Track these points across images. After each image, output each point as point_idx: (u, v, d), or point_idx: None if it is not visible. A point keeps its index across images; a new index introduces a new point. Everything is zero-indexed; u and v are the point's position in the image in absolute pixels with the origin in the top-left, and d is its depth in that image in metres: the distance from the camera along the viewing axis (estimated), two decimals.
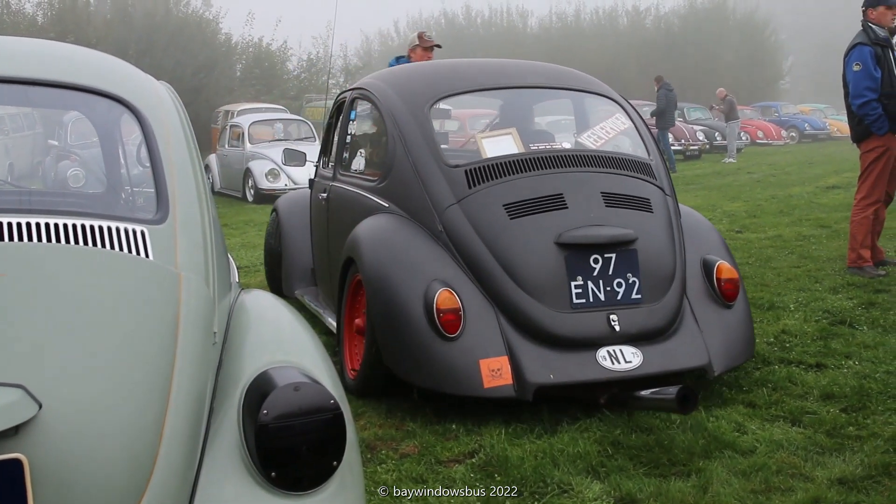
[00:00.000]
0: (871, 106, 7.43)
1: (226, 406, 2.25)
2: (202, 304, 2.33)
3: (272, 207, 7.60)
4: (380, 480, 3.72)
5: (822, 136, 38.36)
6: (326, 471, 2.16)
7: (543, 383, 4.20)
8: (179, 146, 2.79)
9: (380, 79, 5.69)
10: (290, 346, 2.54)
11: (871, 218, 7.68)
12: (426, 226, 4.74)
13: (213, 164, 19.41)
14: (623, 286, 4.49)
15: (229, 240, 11.34)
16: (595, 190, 4.77)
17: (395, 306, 4.40)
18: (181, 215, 2.54)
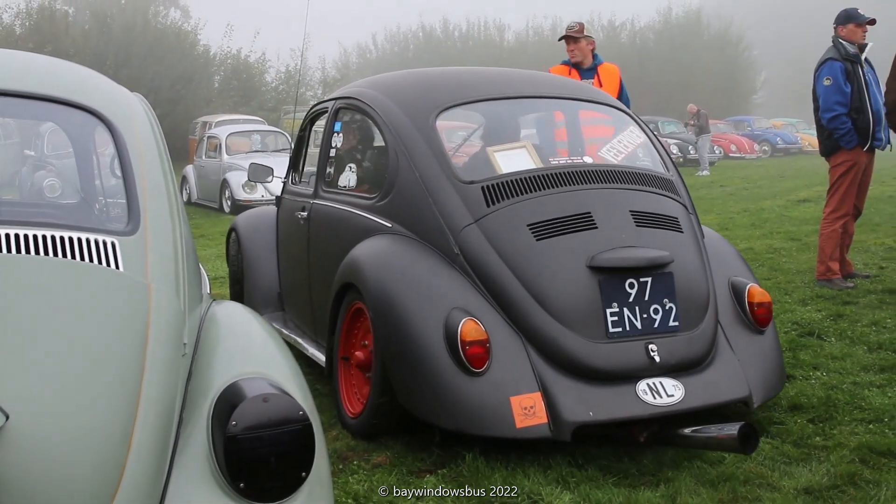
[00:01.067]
0: (841, 120, 7.53)
1: (195, 417, 2.27)
2: (172, 315, 2.35)
3: (229, 227, 6.88)
4: (351, 491, 3.73)
5: (793, 150, 38.75)
6: (295, 482, 2.18)
7: (582, 421, 3.80)
8: (152, 158, 2.81)
9: (371, 87, 5.20)
10: (260, 358, 2.56)
11: (839, 231, 7.77)
12: (439, 248, 4.29)
13: (190, 175, 19.35)
14: (660, 313, 4.13)
15: (205, 250, 11.32)
16: (624, 208, 4.40)
17: (411, 339, 3.95)
18: (152, 227, 2.56)
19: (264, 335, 2.72)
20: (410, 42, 62.04)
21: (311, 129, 6.20)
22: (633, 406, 3.88)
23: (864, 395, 4.74)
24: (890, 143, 7.89)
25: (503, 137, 5.13)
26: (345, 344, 4.60)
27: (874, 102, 7.59)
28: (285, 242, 6.03)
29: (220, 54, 39.14)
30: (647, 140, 5.09)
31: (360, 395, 4.48)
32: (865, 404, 4.60)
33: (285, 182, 6.18)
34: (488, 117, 5.32)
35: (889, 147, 7.89)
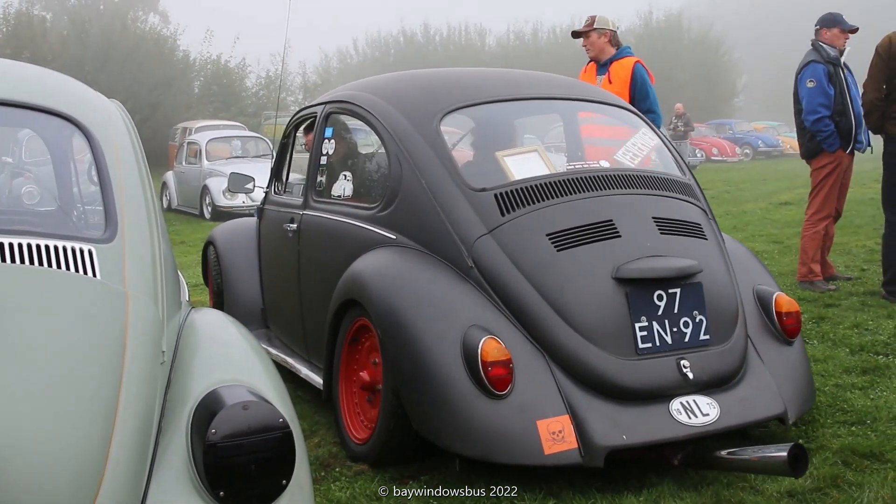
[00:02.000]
0: (825, 122, 7.57)
1: (174, 425, 2.24)
2: (150, 323, 2.33)
3: (206, 241, 6.57)
4: (333, 498, 3.71)
5: (775, 153, 38.99)
6: (275, 489, 2.16)
7: (615, 445, 3.55)
8: (129, 165, 2.78)
9: (365, 90, 4.90)
10: (240, 365, 2.54)
11: (821, 233, 7.81)
12: (450, 261, 4.02)
13: (170, 181, 19.31)
14: (690, 326, 3.90)
15: (186, 257, 11.28)
16: (646, 215, 4.16)
17: (426, 360, 3.66)
18: (129, 234, 2.54)
19: (243, 343, 2.70)
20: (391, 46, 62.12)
21: (296, 136, 5.89)
22: (667, 427, 3.65)
23: (846, 398, 4.75)
24: (870, 146, 7.93)
25: (510, 141, 4.96)
26: (346, 365, 4.33)
27: (855, 105, 7.63)
28: (270, 256, 5.74)
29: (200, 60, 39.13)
30: (661, 142, 4.90)
31: (365, 419, 4.20)
32: (848, 406, 4.61)
33: (267, 192, 5.90)
34: (490, 120, 5.04)
35: (870, 150, 7.93)
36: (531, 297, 3.82)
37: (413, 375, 3.70)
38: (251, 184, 6.09)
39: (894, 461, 3.95)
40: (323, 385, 4.50)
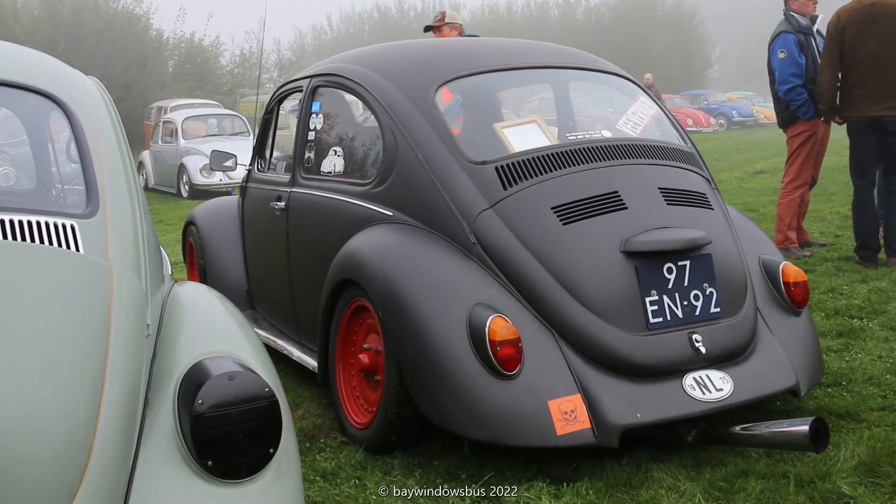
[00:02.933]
0: (797, 91, 7.64)
1: (161, 397, 2.26)
2: (134, 297, 2.34)
3: (186, 220, 6.43)
4: (319, 468, 3.74)
5: (749, 123, 39.10)
6: (263, 458, 2.18)
7: (629, 424, 3.46)
8: (108, 141, 2.79)
9: (354, 62, 4.73)
10: (225, 337, 2.56)
11: (797, 200, 7.90)
12: (451, 237, 3.89)
13: (146, 160, 19.21)
14: (700, 299, 3.81)
15: (164, 236, 11.24)
16: (652, 185, 4.06)
17: (431, 341, 3.54)
18: (111, 209, 2.55)
19: (227, 315, 2.72)
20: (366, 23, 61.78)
21: (279, 112, 5.75)
22: (682, 404, 3.56)
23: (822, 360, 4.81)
24: None
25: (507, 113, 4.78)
26: (343, 347, 4.21)
27: None
28: (255, 235, 5.58)
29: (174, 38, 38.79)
30: (660, 111, 4.79)
31: (365, 403, 4.09)
32: (824, 369, 4.67)
33: (250, 170, 5.76)
34: (486, 91, 4.88)
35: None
36: (538, 273, 3.71)
37: (417, 358, 3.58)
38: (233, 161, 6.01)
39: (869, 421, 4.03)
40: (318, 368, 4.39)
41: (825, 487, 3.38)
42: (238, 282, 5.76)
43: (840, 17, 7.23)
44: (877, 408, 4.18)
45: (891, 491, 3.36)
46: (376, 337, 3.93)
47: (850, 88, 7.21)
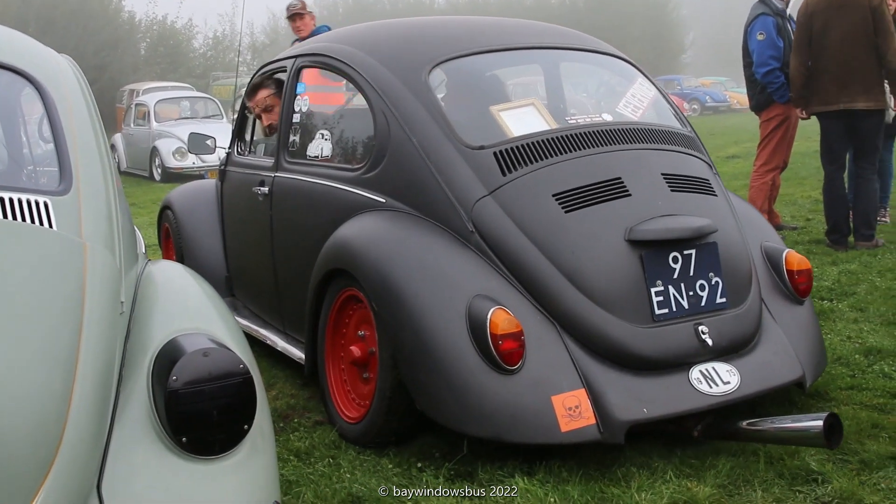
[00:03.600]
0: (775, 74, 7.69)
1: (135, 374, 2.27)
2: (108, 274, 2.34)
3: (162, 204, 6.23)
4: (293, 448, 3.76)
5: (722, 109, 39.36)
6: (237, 434, 2.20)
7: (636, 419, 3.34)
8: (82, 118, 2.77)
9: (342, 41, 4.55)
10: (199, 314, 2.56)
11: (769, 184, 7.97)
12: (448, 225, 3.72)
13: (118, 143, 19.09)
14: (706, 289, 3.69)
15: (137, 219, 11.18)
16: (655, 171, 3.91)
17: (429, 334, 3.40)
18: (85, 186, 2.54)
19: (201, 292, 2.72)
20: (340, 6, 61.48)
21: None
22: (689, 398, 3.45)
23: None
24: None
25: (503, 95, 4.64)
26: (332, 338, 4.04)
27: None
28: (236, 220, 5.38)
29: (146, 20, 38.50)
30: (658, 93, 4.64)
31: (356, 396, 3.94)
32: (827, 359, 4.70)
33: (229, 152, 5.55)
34: (482, 72, 4.65)
35: None
36: (539, 263, 3.56)
37: (415, 352, 3.43)
38: (212, 142, 5.90)
39: (838, 399, 4.09)
40: (305, 360, 4.24)
41: (794, 464, 3.43)
42: (217, 268, 5.57)
43: (808, 3, 7.28)
44: (845, 387, 4.24)
45: (858, 467, 3.41)
46: (368, 328, 3.80)
47: (817, 74, 7.25)
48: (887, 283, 6.19)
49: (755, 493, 3.24)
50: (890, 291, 5.95)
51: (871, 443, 3.61)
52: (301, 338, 4.42)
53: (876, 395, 4.14)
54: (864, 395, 4.15)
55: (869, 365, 4.54)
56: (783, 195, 9.74)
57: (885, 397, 4.11)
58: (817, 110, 7.33)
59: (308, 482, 3.44)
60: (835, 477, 3.32)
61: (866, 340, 4.92)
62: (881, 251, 7.19)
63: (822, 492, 3.25)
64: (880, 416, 3.88)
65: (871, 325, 5.22)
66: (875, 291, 5.98)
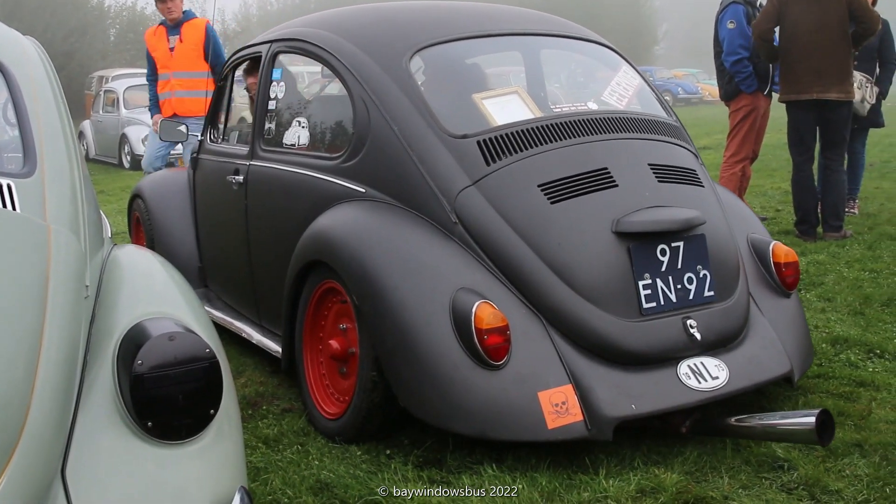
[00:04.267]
0: (743, 63, 7.72)
1: (100, 358, 2.24)
2: (72, 257, 2.31)
3: (132, 193, 6.07)
4: (261, 435, 3.74)
5: (694, 101, 39.54)
6: (204, 419, 2.18)
7: (624, 416, 3.29)
8: (47, 101, 2.74)
9: (318, 26, 4.44)
10: (164, 298, 2.54)
11: (739, 174, 8.00)
12: (431, 216, 3.64)
13: (87, 130, 18.93)
14: (694, 282, 3.63)
15: (105, 206, 11.09)
16: (642, 161, 3.84)
17: (412, 329, 3.32)
18: (50, 169, 2.51)
19: (167, 276, 2.69)
20: None
21: (234, 79, 5.44)
22: (677, 393, 3.40)
23: None
24: None
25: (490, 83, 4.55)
26: (310, 332, 3.95)
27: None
28: (209, 210, 5.27)
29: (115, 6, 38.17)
30: (643, 81, 4.57)
31: (336, 392, 3.84)
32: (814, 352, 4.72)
33: (202, 140, 5.42)
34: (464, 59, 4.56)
35: None
36: (525, 256, 3.49)
37: (397, 347, 3.35)
38: (184, 128, 5.82)
39: (804, 388, 4.13)
40: (282, 354, 4.13)
41: (760, 451, 3.46)
42: (189, 258, 5.46)
43: None
44: (812, 376, 4.27)
45: (824, 455, 3.44)
46: (349, 321, 3.71)
47: (790, 63, 7.29)
48: (854, 273, 6.25)
49: (722, 480, 3.26)
50: (857, 282, 6.00)
51: (837, 430, 3.63)
52: (277, 330, 4.35)
53: (842, 383, 4.19)
54: (831, 383, 4.19)
55: (836, 354, 4.59)
56: (753, 186, 9.82)
57: (851, 386, 4.16)
58: (790, 98, 7.36)
59: (276, 469, 3.43)
60: (801, 464, 3.35)
61: (833, 330, 4.96)
62: (849, 242, 7.26)
63: (788, 478, 3.27)
64: (846, 405, 3.91)
65: (838, 315, 5.27)
66: (842, 282, 6.03)
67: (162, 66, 8.19)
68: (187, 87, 8.11)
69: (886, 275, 6.18)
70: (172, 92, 8.11)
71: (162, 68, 8.19)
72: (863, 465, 3.35)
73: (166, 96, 8.16)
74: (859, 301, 5.52)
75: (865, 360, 4.51)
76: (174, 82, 8.12)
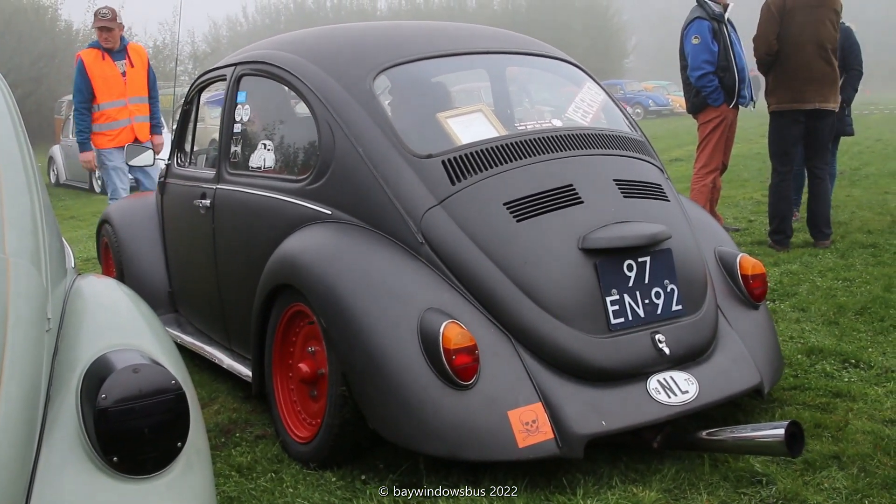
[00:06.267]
0: (709, 78, 7.75)
1: (63, 393, 2.19)
2: (33, 290, 2.26)
3: (101, 218, 6.09)
4: (234, 463, 3.68)
5: (665, 112, 39.81)
6: (171, 452, 2.12)
7: (594, 433, 3.28)
8: (5, 129, 2.69)
9: (282, 48, 4.44)
10: (129, 329, 2.49)
11: (709, 186, 8.04)
12: (397, 237, 3.64)
13: (57, 155, 18.78)
14: (661, 296, 3.64)
15: (76, 231, 11.00)
16: (607, 177, 3.85)
17: (380, 350, 3.30)
18: (9, 201, 2.45)
19: (132, 307, 2.64)
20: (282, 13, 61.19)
21: (199, 102, 5.41)
22: (647, 409, 3.40)
23: None
24: (753, 101, 8.15)
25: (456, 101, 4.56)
26: (280, 356, 3.93)
27: (738, 61, 7.85)
28: (178, 234, 5.25)
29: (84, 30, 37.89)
30: (607, 97, 4.60)
31: (307, 415, 3.82)
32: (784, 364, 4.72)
33: (169, 164, 5.41)
34: (427, 78, 4.54)
35: (753, 105, 8.16)
36: (492, 274, 3.49)
37: (366, 369, 3.33)
38: (150, 155, 5.79)
39: (781, 400, 4.14)
40: (252, 378, 4.10)
41: (738, 466, 3.44)
42: (159, 283, 5.43)
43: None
44: (788, 387, 4.27)
45: (802, 468, 3.43)
46: (317, 344, 3.69)
47: (793, 72, 7.26)
48: (828, 282, 6.27)
49: (700, 497, 3.24)
50: (830, 291, 6.02)
51: (813, 443, 3.63)
52: (247, 354, 4.31)
53: (818, 394, 4.18)
54: (807, 395, 4.18)
55: (811, 365, 4.59)
56: (725, 197, 9.86)
57: (827, 397, 4.15)
58: (791, 108, 7.31)
59: (250, 498, 3.38)
60: (779, 478, 3.33)
61: (808, 340, 4.97)
62: (821, 251, 7.28)
63: (767, 493, 3.26)
64: (823, 416, 3.91)
65: (812, 325, 5.28)
66: (816, 291, 6.05)
67: (114, 94, 8.00)
68: (143, 112, 8.08)
69: (859, 283, 6.20)
70: (132, 118, 8.02)
71: (114, 95, 8.01)
72: (841, 477, 3.34)
73: (124, 123, 8.03)
74: (833, 310, 5.53)
75: (841, 370, 4.51)
76: (132, 108, 8.03)
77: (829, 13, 7.22)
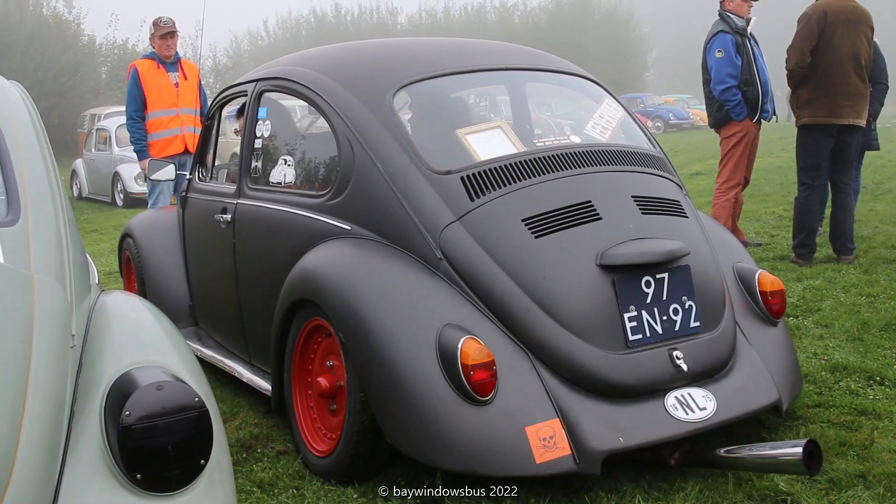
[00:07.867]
0: (732, 92, 7.74)
1: (87, 409, 2.20)
2: (58, 306, 2.27)
3: (122, 232, 6.12)
4: (256, 479, 3.68)
5: (685, 126, 39.65)
6: (194, 470, 2.13)
7: (612, 449, 3.26)
8: (31, 147, 2.71)
9: (303, 64, 4.47)
10: (153, 346, 2.50)
11: (732, 201, 8.00)
12: (416, 252, 3.65)
13: (80, 169, 18.90)
14: (679, 313, 3.63)
15: (98, 245, 11.05)
16: (625, 194, 3.86)
17: (399, 365, 3.30)
18: (34, 217, 2.47)
19: (156, 324, 2.65)
20: (303, 27, 61.45)
21: (221, 117, 5.45)
22: (665, 425, 3.38)
23: None
24: (776, 115, 8.13)
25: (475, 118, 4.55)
26: (299, 370, 3.93)
27: (762, 75, 7.83)
28: (199, 248, 5.29)
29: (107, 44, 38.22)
30: (626, 113, 4.60)
31: (325, 429, 3.82)
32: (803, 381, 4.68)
33: (190, 179, 5.48)
34: (447, 95, 4.57)
35: (775, 119, 8.14)
36: (510, 290, 3.48)
37: (384, 384, 3.33)
38: (171, 169, 5.83)
39: (805, 418, 4.09)
40: (272, 392, 4.11)
41: (763, 485, 3.41)
42: (180, 297, 5.47)
43: (827, 13, 7.17)
44: (812, 405, 4.23)
45: (827, 487, 3.39)
46: (336, 358, 3.69)
47: (831, 86, 7.17)
48: (851, 298, 6.22)
49: None
50: (854, 307, 5.97)
51: (839, 461, 3.60)
52: (267, 368, 4.32)
53: (843, 412, 4.14)
54: (831, 412, 4.15)
55: (835, 382, 4.55)
56: (747, 212, 9.81)
57: (852, 415, 4.11)
58: (828, 122, 7.22)
59: None
60: (804, 497, 3.30)
61: (832, 357, 4.93)
62: (844, 266, 7.23)
63: None
64: (848, 434, 3.87)
65: (836, 342, 5.23)
66: (840, 307, 6.00)
67: (166, 103, 8.06)
68: (195, 123, 8.08)
69: (883, 299, 6.15)
70: (184, 128, 8.03)
71: (166, 104, 8.06)
72: (867, 496, 3.30)
73: (176, 132, 8.05)
74: (857, 327, 5.48)
75: (866, 388, 4.47)
76: (184, 118, 8.06)
77: (866, 29, 7.20)
